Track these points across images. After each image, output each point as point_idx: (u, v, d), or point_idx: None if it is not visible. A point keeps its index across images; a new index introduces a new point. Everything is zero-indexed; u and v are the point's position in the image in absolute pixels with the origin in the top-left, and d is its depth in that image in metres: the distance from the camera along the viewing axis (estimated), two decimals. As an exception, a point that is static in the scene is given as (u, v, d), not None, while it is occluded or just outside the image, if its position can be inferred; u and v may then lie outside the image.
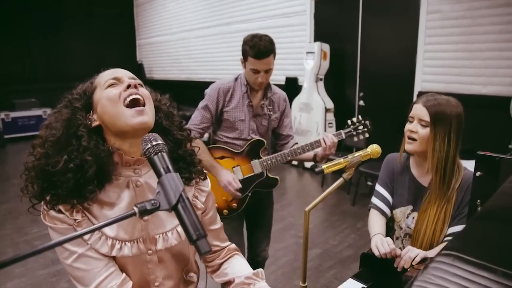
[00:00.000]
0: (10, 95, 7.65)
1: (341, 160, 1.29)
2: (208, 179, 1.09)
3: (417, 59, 4.15)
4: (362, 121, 1.92)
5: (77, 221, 0.86)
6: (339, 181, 1.28)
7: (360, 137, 1.93)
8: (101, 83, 0.92)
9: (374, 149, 1.33)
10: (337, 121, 5.01)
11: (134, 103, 0.88)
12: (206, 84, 2.01)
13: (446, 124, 1.30)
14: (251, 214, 2.06)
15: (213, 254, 1.14)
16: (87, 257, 0.87)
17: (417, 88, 4.21)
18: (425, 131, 1.32)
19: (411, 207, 1.45)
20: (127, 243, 0.91)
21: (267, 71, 1.83)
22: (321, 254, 3.02)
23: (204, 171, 1.07)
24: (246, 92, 1.90)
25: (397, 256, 1.24)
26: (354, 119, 1.93)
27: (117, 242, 0.90)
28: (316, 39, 5.26)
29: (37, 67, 8.33)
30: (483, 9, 3.58)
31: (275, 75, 2.25)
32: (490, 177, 1.03)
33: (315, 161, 1.91)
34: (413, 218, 1.43)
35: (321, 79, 5.10)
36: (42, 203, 0.86)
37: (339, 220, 3.69)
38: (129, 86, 0.89)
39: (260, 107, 1.95)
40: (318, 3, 5.25)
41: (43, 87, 7.91)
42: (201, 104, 1.91)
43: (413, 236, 1.42)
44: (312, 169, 5.11)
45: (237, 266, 1.12)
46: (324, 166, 1.28)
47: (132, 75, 0.95)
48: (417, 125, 1.34)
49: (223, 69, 6.97)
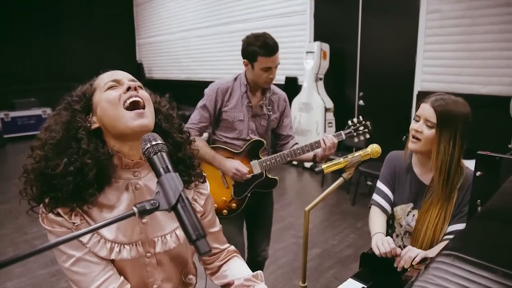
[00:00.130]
0: (10, 94, 7.65)
1: (341, 160, 1.29)
2: (207, 182, 1.09)
3: (417, 58, 4.15)
4: (363, 122, 1.89)
5: (75, 224, 0.85)
6: (339, 181, 1.27)
7: (361, 138, 1.90)
8: (100, 85, 0.92)
9: (374, 148, 1.32)
10: (337, 120, 5.01)
11: (134, 106, 0.88)
12: (206, 83, 2.01)
13: (452, 127, 1.29)
14: (250, 214, 2.06)
15: (212, 257, 1.14)
16: (85, 260, 0.87)
17: (417, 88, 4.21)
18: (430, 132, 1.31)
19: (411, 205, 1.45)
20: (126, 246, 0.91)
21: (276, 66, 1.86)
22: (321, 254, 3.02)
23: (204, 173, 1.06)
24: (246, 92, 1.90)
25: (397, 255, 1.24)
26: (355, 120, 1.90)
27: (116, 245, 0.90)
28: (316, 39, 5.26)
29: (37, 67, 8.33)
30: (482, 8, 3.58)
31: (275, 74, 2.25)
32: (490, 177, 1.03)
33: (314, 161, 1.90)
34: (413, 215, 1.43)
35: (320, 79, 5.09)
36: (41, 205, 0.86)
37: (339, 220, 3.69)
38: (129, 89, 0.89)
39: (259, 107, 1.95)
40: (318, 3, 5.25)
41: (43, 86, 7.92)
42: (200, 103, 1.91)
43: (414, 236, 1.42)
44: (312, 169, 5.10)
45: (236, 268, 1.12)
46: (324, 166, 1.28)
47: (132, 77, 0.95)
48: (422, 125, 1.33)
49: (222, 68, 6.97)
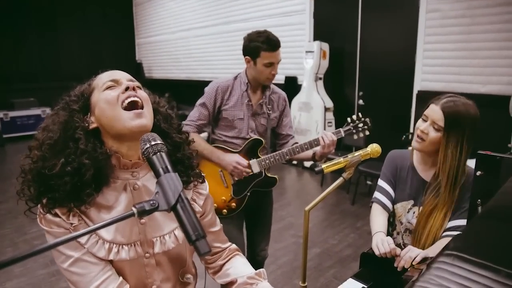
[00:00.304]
0: (9, 94, 7.63)
1: (341, 159, 1.28)
2: (206, 182, 1.09)
3: (417, 58, 4.15)
4: (362, 119, 1.86)
5: (73, 225, 0.85)
6: (339, 180, 1.27)
7: (360, 135, 1.87)
8: (99, 85, 0.91)
9: (374, 148, 1.32)
10: (336, 120, 5.01)
11: (132, 106, 0.87)
12: (206, 83, 2.01)
13: (459, 132, 1.27)
14: (250, 213, 2.06)
15: (214, 256, 1.13)
16: (84, 261, 0.86)
17: (417, 87, 4.21)
18: (436, 135, 1.30)
19: (412, 202, 1.45)
20: (124, 246, 0.90)
21: (278, 63, 1.89)
22: (321, 254, 3.02)
23: (203, 174, 1.06)
24: (246, 90, 1.90)
25: (397, 255, 1.23)
26: (354, 117, 1.88)
27: (114, 245, 0.89)
28: (315, 38, 5.26)
29: (36, 66, 8.32)
30: (482, 8, 3.58)
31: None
32: (491, 176, 1.03)
33: (314, 160, 1.89)
34: (414, 213, 1.43)
35: (320, 78, 5.09)
36: (38, 206, 0.85)
37: (338, 220, 3.68)
38: (127, 89, 0.88)
39: (259, 105, 1.94)
40: (318, 2, 5.24)
41: (42, 86, 7.92)
42: (199, 101, 1.91)
43: (415, 237, 1.41)
44: (312, 168, 5.10)
45: (239, 267, 1.11)
46: (324, 165, 1.28)
47: (131, 77, 0.94)
48: (429, 127, 1.31)
49: (222, 68, 6.96)
